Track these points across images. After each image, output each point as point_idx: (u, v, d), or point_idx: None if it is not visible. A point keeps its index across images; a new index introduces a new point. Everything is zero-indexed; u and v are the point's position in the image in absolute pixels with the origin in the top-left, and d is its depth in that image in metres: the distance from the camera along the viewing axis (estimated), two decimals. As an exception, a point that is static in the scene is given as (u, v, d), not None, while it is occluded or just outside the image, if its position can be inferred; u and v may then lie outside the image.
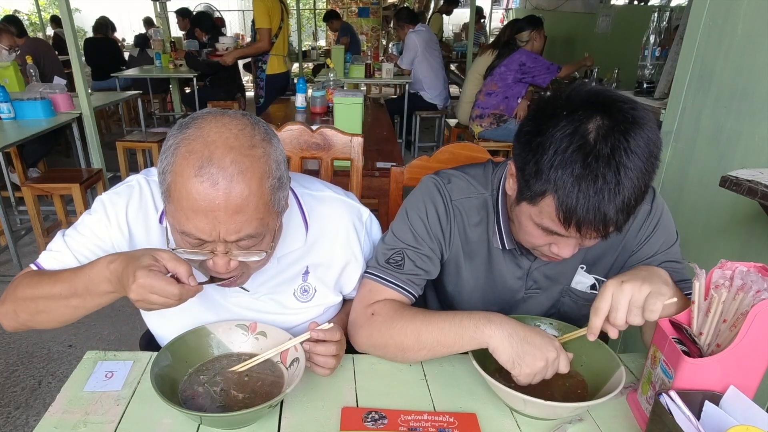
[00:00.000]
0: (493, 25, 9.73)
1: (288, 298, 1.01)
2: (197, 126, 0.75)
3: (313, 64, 8.04)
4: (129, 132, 4.99)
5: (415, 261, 1.01)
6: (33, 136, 2.81)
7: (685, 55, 1.63)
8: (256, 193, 0.75)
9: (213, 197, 0.72)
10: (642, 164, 0.74)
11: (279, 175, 0.79)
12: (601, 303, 0.79)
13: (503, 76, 3.73)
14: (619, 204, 0.74)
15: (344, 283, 1.06)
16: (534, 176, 0.79)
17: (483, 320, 0.87)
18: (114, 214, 0.92)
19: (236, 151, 0.73)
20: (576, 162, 0.74)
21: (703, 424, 0.68)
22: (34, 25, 9.95)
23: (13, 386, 2.13)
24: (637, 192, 0.75)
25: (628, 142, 0.73)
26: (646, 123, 0.75)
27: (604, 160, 0.73)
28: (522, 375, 0.82)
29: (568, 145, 0.74)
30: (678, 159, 1.69)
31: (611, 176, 0.73)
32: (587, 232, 0.78)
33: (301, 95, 3.54)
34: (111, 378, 0.91)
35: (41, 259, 0.93)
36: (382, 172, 2.22)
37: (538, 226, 0.85)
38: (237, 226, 0.75)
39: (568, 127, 0.75)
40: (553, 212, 0.78)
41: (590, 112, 0.75)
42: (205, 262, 0.82)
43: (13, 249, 2.71)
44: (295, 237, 0.97)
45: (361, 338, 0.99)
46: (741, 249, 1.48)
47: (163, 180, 0.76)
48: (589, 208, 0.74)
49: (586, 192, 0.74)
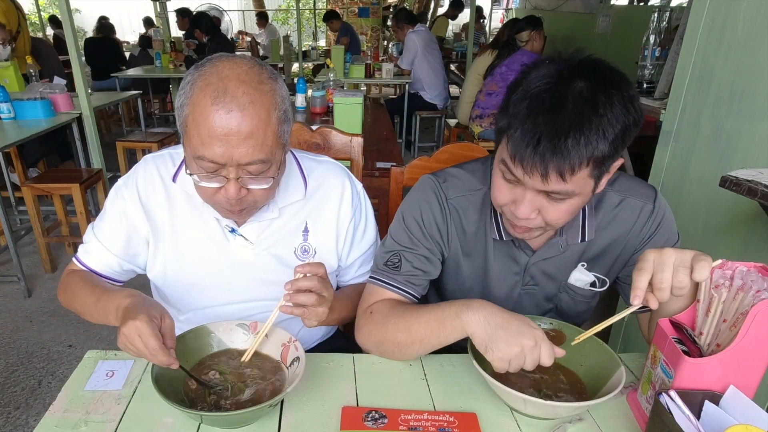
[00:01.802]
0: (493, 25, 9.73)
1: (289, 255, 1.07)
2: (212, 64, 0.84)
3: (313, 64, 8.04)
4: (129, 132, 5.00)
5: (412, 262, 1.02)
6: (33, 136, 2.81)
7: (685, 55, 1.63)
8: (265, 121, 0.83)
9: (227, 123, 0.80)
10: (603, 126, 0.74)
11: (284, 108, 0.88)
12: (645, 264, 0.76)
13: (504, 76, 3.73)
14: (562, 146, 0.73)
15: (342, 247, 1.12)
16: (502, 111, 0.81)
17: (463, 307, 0.87)
18: (128, 193, 1.03)
19: (247, 84, 0.82)
20: (539, 97, 0.76)
21: (703, 423, 0.68)
22: (34, 25, 9.94)
23: (13, 386, 2.13)
24: (585, 143, 0.74)
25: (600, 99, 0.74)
26: (627, 94, 0.76)
27: (565, 98, 0.74)
28: (494, 360, 0.81)
29: (538, 83, 0.77)
30: (678, 159, 1.69)
31: (564, 115, 0.74)
32: (530, 172, 0.77)
33: (301, 95, 3.54)
34: (112, 377, 0.91)
35: (79, 253, 1.08)
36: (382, 172, 2.23)
37: (501, 173, 0.85)
38: (248, 150, 0.83)
39: (547, 70, 0.78)
40: (506, 145, 0.80)
41: (576, 67, 0.77)
42: (218, 194, 0.88)
43: (13, 249, 2.71)
44: (295, 190, 1.06)
45: (362, 337, 1.01)
46: (741, 249, 1.48)
47: (180, 113, 0.85)
48: (531, 140, 0.75)
49: (534, 123, 0.75)
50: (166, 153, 1.06)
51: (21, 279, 2.78)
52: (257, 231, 1.04)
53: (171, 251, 1.05)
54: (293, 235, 1.08)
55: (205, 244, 1.04)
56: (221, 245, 1.05)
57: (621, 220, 0.99)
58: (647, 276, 0.76)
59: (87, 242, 1.07)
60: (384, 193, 1.47)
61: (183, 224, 1.04)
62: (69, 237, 3.24)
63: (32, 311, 2.68)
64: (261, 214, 1.03)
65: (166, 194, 1.03)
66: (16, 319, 2.61)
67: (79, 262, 1.07)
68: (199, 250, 1.04)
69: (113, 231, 1.04)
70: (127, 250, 1.05)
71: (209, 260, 1.05)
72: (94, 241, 1.05)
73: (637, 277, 0.77)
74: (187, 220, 1.03)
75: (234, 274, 1.06)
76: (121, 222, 1.03)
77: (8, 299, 2.79)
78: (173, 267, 1.06)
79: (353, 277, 1.20)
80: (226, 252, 1.05)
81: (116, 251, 1.05)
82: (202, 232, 1.04)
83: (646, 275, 0.76)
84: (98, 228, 1.06)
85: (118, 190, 1.04)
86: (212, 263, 1.05)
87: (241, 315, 1.07)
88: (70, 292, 1.03)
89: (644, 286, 0.76)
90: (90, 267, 1.06)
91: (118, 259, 1.05)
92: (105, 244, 1.04)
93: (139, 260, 1.08)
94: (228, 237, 1.04)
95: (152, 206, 1.03)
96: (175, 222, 1.04)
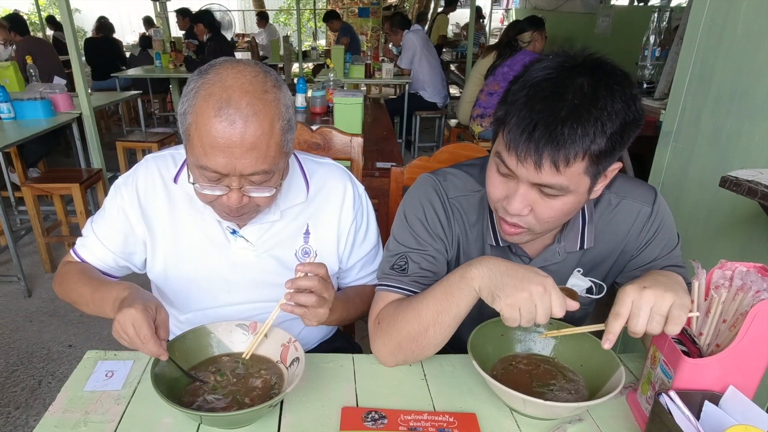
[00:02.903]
0: (493, 26, 9.73)
1: (290, 257, 1.07)
2: (215, 72, 0.83)
3: (313, 64, 8.04)
4: (129, 132, 5.00)
5: (420, 263, 0.98)
6: (33, 136, 2.81)
7: (685, 56, 1.63)
8: (268, 133, 0.83)
9: (230, 135, 0.80)
10: (602, 118, 0.73)
11: (288, 117, 0.87)
12: (621, 308, 0.74)
13: (506, 76, 3.72)
14: (557, 135, 0.73)
15: (343, 250, 1.12)
16: (500, 103, 0.81)
17: (465, 268, 0.85)
18: (127, 193, 1.03)
19: (251, 95, 0.81)
20: (537, 87, 0.75)
21: (703, 424, 0.68)
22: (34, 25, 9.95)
23: (13, 386, 2.13)
24: (582, 134, 0.73)
25: (602, 93, 0.73)
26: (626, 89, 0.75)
27: (564, 90, 0.74)
28: (503, 308, 0.77)
29: (538, 74, 0.76)
30: (678, 159, 1.69)
31: (561, 105, 0.73)
32: (523, 161, 0.76)
33: (301, 95, 3.54)
34: (111, 377, 0.91)
35: (77, 246, 1.08)
36: (382, 172, 2.22)
37: (496, 167, 0.84)
38: (251, 162, 0.83)
39: (547, 62, 0.78)
40: (503, 135, 0.79)
41: (579, 63, 0.77)
42: (220, 199, 0.89)
43: (13, 249, 2.71)
44: (297, 193, 1.06)
45: (379, 351, 0.97)
46: (741, 249, 1.48)
47: (183, 120, 0.84)
48: (526, 128, 0.74)
49: (530, 111, 0.74)
50: (167, 153, 1.06)
51: (21, 279, 2.78)
52: (258, 233, 1.04)
53: (172, 252, 1.05)
54: (294, 238, 1.08)
55: (206, 245, 1.04)
56: (222, 246, 1.05)
57: (618, 223, 0.97)
58: (622, 322, 0.75)
59: (85, 236, 1.08)
60: (384, 193, 1.47)
61: (184, 225, 1.04)
62: (69, 237, 3.24)
63: (32, 311, 2.68)
64: (262, 216, 1.03)
65: (166, 195, 1.03)
66: (16, 319, 2.61)
67: (76, 255, 1.08)
68: (200, 250, 1.05)
69: (111, 228, 1.05)
70: (124, 248, 1.06)
71: (210, 261, 1.05)
72: (91, 236, 1.06)
73: (611, 322, 0.76)
74: (188, 221, 1.04)
75: (234, 275, 1.06)
76: (119, 220, 1.04)
77: (8, 299, 2.79)
78: (174, 267, 1.06)
79: (354, 279, 1.20)
80: (226, 253, 1.05)
81: (113, 248, 1.05)
82: (203, 233, 1.04)
83: (621, 321, 0.75)
84: (97, 224, 1.07)
85: (117, 188, 1.05)
86: (213, 264, 1.05)
87: (241, 316, 1.06)
88: (66, 282, 1.04)
89: (618, 332, 0.76)
90: (86, 261, 1.07)
91: (114, 256, 1.06)
92: (102, 240, 1.05)
93: (134, 259, 1.08)
94: (229, 238, 1.04)
95: (151, 208, 1.03)
96: (176, 223, 1.04)
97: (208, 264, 1.05)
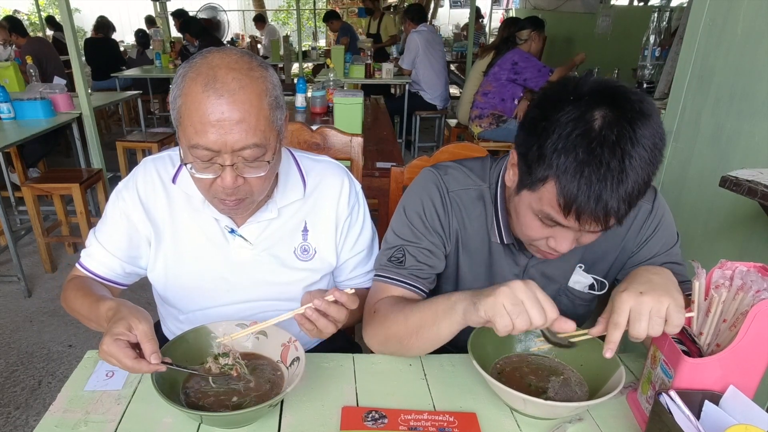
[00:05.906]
0: (493, 26, 9.72)
1: (288, 255, 1.07)
2: (202, 56, 0.85)
3: (313, 64, 8.05)
4: (129, 132, 5.00)
5: (417, 256, 1.01)
6: (33, 136, 2.81)
7: (685, 55, 1.63)
8: (256, 106, 0.83)
9: (219, 109, 0.81)
10: (647, 155, 0.73)
11: (276, 95, 0.88)
12: (620, 317, 0.75)
13: (497, 75, 3.73)
14: (622, 193, 0.73)
15: (341, 244, 1.12)
16: (536, 161, 0.78)
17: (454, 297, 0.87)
18: (128, 195, 1.03)
19: (237, 71, 0.82)
20: (580, 147, 0.73)
21: (703, 423, 0.68)
22: (34, 25, 9.96)
23: (13, 386, 2.13)
24: (640, 183, 0.74)
25: (634, 131, 0.72)
26: (653, 115, 0.75)
27: (608, 146, 0.72)
28: (493, 318, 0.76)
29: (572, 130, 0.73)
30: (678, 159, 1.69)
31: (615, 164, 0.72)
32: (587, 222, 0.76)
33: (301, 95, 3.54)
34: (111, 377, 0.91)
35: (82, 258, 1.08)
36: (382, 172, 2.22)
37: (536, 216, 0.83)
38: (241, 135, 0.83)
39: (574, 112, 0.74)
40: (554, 198, 0.77)
41: (597, 100, 0.74)
42: (215, 184, 0.88)
43: (13, 249, 2.71)
44: (294, 190, 1.06)
45: (368, 338, 1.01)
46: (741, 249, 1.48)
47: (174, 106, 0.85)
48: (591, 195, 0.73)
49: (589, 178, 0.72)
50: (165, 155, 1.06)
51: (21, 279, 2.78)
52: (256, 231, 1.05)
53: (171, 252, 1.05)
54: (292, 235, 1.08)
55: (205, 244, 1.04)
56: (221, 246, 1.05)
57: None
58: (621, 331, 0.76)
59: (89, 246, 1.08)
60: (384, 193, 1.47)
61: (183, 225, 1.04)
62: (69, 237, 3.24)
63: (32, 311, 2.68)
64: (260, 214, 1.03)
65: (166, 196, 1.03)
66: (16, 319, 2.61)
67: (82, 267, 1.08)
68: (199, 250, 1.05)
69: (115, 233, 1.05)
70: (129, 252, 1.06)
71: (209, 261, 1.05)
72: (96, 245, 1.06)
73: (612, 332, 0.76)
74: (186, 221, 1.04)
75: (234, 274, 1.06)
76: (122, 224, 1.04)
77: (8, 299, 2.79)
78: (173, 268, 1.06)
79: (346, 278, 1.18)
80: (225, 252, 1.05)
81: (118, 254, 1.05)
82: (201, 232, 1.04)
83: (621, 330, 0.75)
84: (100, 231, 1.06)
85: (118, 192, 1.05)
86: (212, 264, 1.05)
87: (241, 315, 1.07)
88: (68, 301, 1.04)
89: (618, 340, 0.76)
90: (93, 271, 1.07)
91: (121, 262, 1.06)
92: (107, 247, 1.05)
93: (141, 263, 1.08)
94: (227, 237, 1.04)
95: (152, 207, 1.03)
96: (175, 223, 1.04)
97: (208, 264, 1.05)
